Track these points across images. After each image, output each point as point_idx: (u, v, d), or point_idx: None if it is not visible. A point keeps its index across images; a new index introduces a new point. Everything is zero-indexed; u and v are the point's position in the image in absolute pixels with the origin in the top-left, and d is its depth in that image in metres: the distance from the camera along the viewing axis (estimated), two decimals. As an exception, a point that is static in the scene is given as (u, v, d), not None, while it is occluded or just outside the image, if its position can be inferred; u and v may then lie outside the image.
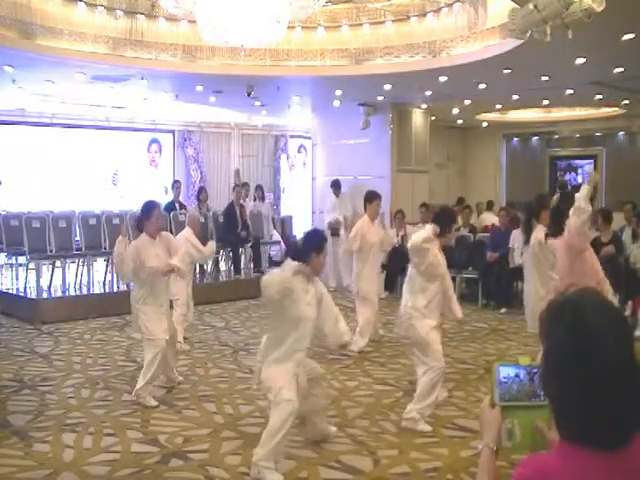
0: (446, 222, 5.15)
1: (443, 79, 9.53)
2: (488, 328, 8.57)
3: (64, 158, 14.10)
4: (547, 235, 5.67)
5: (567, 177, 16.03)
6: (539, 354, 1.49)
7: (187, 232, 7.73)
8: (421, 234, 5.06)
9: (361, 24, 9.40)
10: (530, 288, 6.32)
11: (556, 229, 5.46)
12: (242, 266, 11.36)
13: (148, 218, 5.73)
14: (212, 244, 8.00)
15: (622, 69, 8.77)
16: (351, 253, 7.57)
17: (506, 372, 1.62)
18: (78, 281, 10.17)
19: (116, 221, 10.18)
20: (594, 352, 1.35)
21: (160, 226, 5.89)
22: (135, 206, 12.72)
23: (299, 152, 18.33)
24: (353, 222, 7.78)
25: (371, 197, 7.64)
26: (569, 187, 13.32)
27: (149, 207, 5.79)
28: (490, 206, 13.24)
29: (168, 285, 6.00)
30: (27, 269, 9.89)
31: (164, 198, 13.96)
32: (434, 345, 4.93)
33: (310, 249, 4.31)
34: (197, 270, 10.66)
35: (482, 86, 10.13)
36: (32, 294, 9.40)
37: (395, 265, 9.97)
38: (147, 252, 5.62)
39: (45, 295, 9.43)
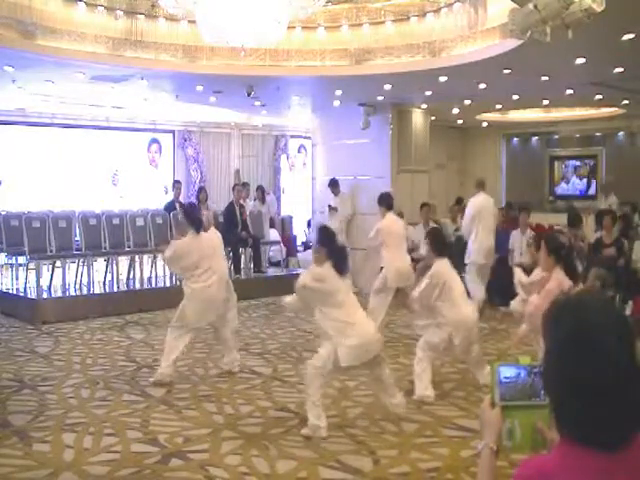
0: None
1: (443, 79, 9.52)
2: (488, 328, 8.57)
3: (64, 158, 14.09)
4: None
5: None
6: (539, 354, 1.49)
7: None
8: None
9: (361, 24, 9.38)
10: None
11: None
12: (242, 266, 11.36)
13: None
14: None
15: (622, 69, 8.76)
16: None
17: (506, 372, 1.62)
18: (78, 281, 10.16)
19: (116, 221, 10.18)
20: (594, 353, 1.35)
21: None
22: (135, 206, 12.78)
23: (299, 152, 18.32)
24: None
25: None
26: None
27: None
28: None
29: None
30: (27, 269, 9.89)
31: (164, 198, 14.00)
32: None
33: None
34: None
35: (482, 86, 10.12)
36: (32, 294, 9.39)
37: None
38: None
39: (45, 295, 9.43)
